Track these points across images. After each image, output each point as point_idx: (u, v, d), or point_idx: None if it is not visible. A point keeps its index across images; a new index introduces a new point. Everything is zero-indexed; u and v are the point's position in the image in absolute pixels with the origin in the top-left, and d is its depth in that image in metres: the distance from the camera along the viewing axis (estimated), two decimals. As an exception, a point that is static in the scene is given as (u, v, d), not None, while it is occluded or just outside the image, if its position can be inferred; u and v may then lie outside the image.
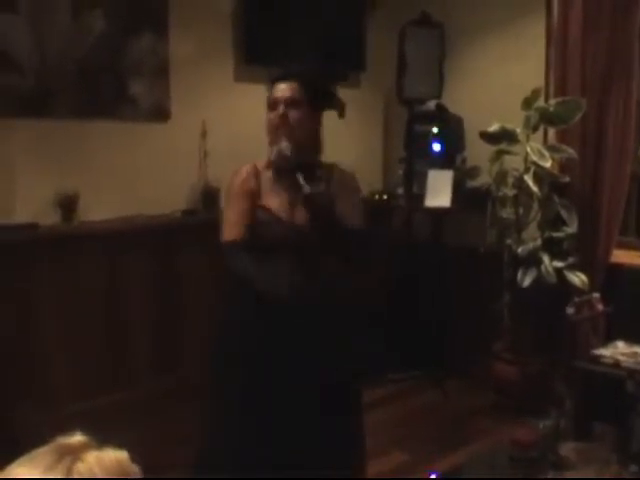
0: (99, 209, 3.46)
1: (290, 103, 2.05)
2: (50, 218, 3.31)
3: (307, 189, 1.97)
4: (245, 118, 4.01)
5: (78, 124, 3.42)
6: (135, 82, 3.61)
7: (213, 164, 3.81)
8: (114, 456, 0.85)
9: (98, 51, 3.46)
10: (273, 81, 2.10)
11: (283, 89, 2.06)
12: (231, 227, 2.06)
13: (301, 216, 2.04)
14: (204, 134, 3.77)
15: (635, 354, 3.28)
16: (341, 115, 2.25)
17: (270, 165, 2.10)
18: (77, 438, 0.86)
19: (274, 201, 2.08)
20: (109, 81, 3.53)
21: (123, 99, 3.58)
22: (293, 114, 2.05)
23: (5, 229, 3.13)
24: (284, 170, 2.06)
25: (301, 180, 1.99)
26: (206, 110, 3.84)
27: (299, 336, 2.01)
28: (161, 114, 3.72)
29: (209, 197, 3.82)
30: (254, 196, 2.07)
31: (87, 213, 3.42)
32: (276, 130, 2.05)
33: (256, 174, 2.11)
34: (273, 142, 2.07)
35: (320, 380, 2.03)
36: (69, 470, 0.80)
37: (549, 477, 2.61)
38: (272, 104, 2.07)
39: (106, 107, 3.53)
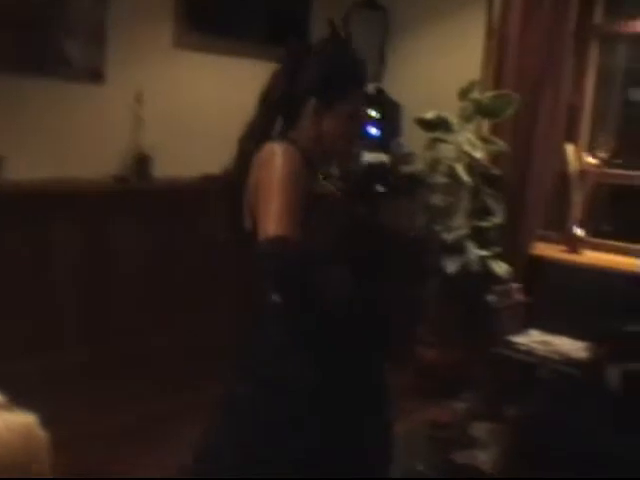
0: (26, 169, 3.34)
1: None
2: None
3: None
4: (185, 87, 3.94)
5: (5, 80, 3.29)
6: (69, 41, 3.49)
7: (149, 131, 3.74)
8: (22, 419, 0.86)
9: (33, 6, 3.32)
10: (348, 88, 1.84)
11: (362, 101, 1.91)
12: (281, 219, 1.53)
13: None
14: (139, 99, 3.69)
15: (547, 343, 3.44)
16: None
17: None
18: None
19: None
20: (42, 38, 3.39)
21: (56, 57, 3.45)
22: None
23: None
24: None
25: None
26: (143, 75, 3.75)
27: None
28: (95, 76, 3.61)
29: (142, 165, 3.75)
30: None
31: (13, 173, 3.29)
32: (353, 140, 1.90)
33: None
34: (345, 149, 1.88)
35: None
36: None
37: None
38: (354, 115, 1.85)
39: (37, 64, 3.39)
